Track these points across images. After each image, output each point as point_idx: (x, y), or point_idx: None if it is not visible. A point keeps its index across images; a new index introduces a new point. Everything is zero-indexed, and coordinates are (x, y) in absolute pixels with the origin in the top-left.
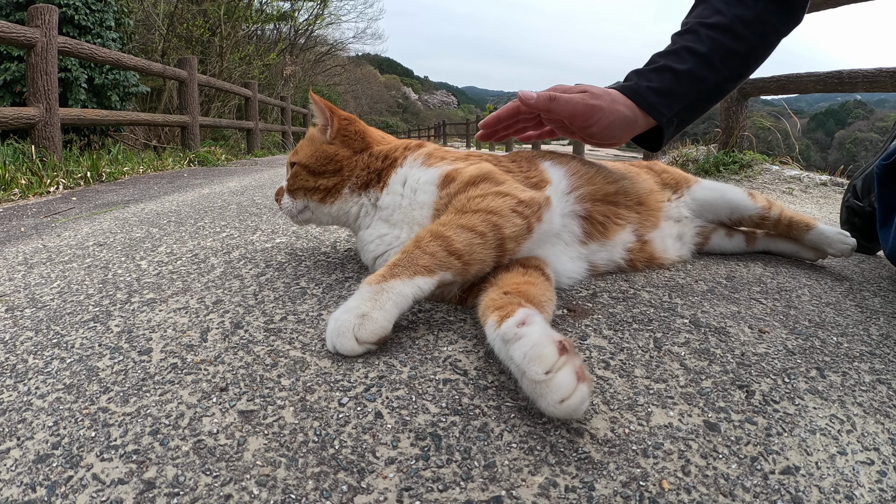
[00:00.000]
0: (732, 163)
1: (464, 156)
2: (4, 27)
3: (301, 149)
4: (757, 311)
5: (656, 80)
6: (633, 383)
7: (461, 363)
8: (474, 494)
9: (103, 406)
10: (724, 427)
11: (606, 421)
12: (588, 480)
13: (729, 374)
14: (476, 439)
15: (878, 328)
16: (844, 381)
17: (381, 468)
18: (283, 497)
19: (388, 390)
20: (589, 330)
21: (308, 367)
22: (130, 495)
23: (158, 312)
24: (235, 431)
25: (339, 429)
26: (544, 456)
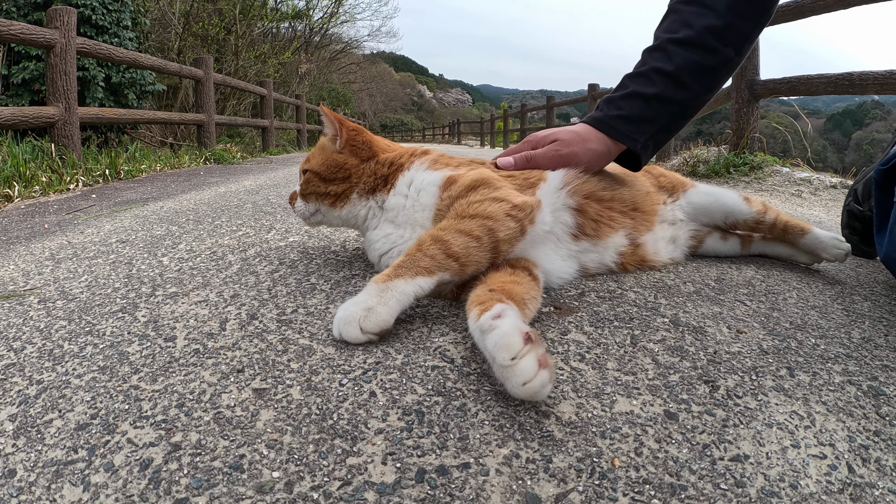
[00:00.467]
0: (743, 164)
1: (466, 162)
2: (24, 29)
3: (313, 157)
4: (739, 313)
5: (626, 108)
6: (604, 375)
7: (449, 353)
8: (447, 460)
9: (134, 384)
10: (682, 416)
11: (573, 406)
12: (547, 454)
13: (698, 369)
14: (454, 416)
15: (861, 332)
16: (813, 381)
17: (371, 437)
18: (287, 457)
19: (383, 374)
20: (571, 326)
21: (314, 353)
22: (160, 455)
23: (181, 304)
24: (249, 405)
25: (338, 404)
26: (512, 432)
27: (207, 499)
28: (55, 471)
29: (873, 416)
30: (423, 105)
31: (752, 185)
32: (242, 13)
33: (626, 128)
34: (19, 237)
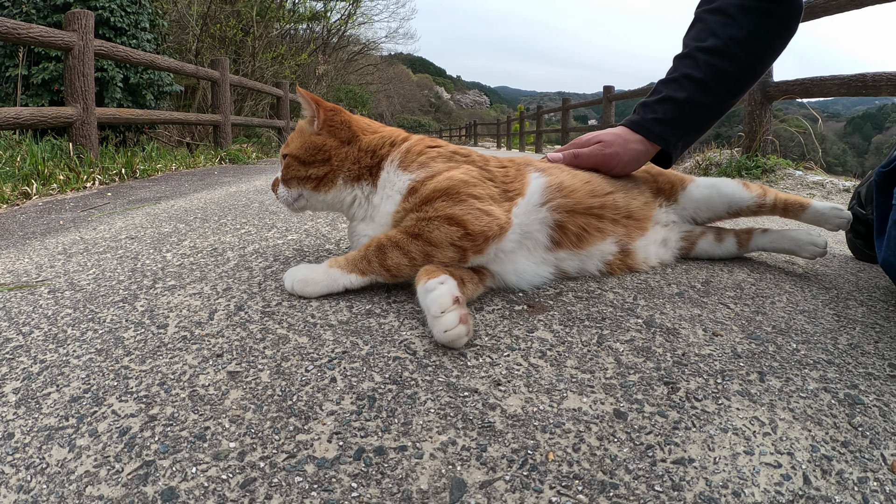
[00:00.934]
0: (755, 167)
1: (448, 154)
2: (43, 32)
3: (292, 141)
4: (720, 315)
5: (660, 111)
6: (561, 372)
7: (414, 345)
8: (386, 442)
9: (125, 365)
10: (631, 416)
11: (521, 400)
12: (483, 443)
13: (661, 370)
14: (403, 403)
15: (850, 338)
16: (784, 387)
17: (323, 417)
18: (245, 430)
19: (347, 362)
20: (540, 324)
21: (289, 342)
22: (137, 424)
23: (177, 296)
24: (222, 385)
25: (300, 388)
26: (454, 421)
27: (171, 462)
28: (47, 435)
29: (844, 425)
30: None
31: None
32: (260, 14)
33: (661, 129)
34: (35, 233)
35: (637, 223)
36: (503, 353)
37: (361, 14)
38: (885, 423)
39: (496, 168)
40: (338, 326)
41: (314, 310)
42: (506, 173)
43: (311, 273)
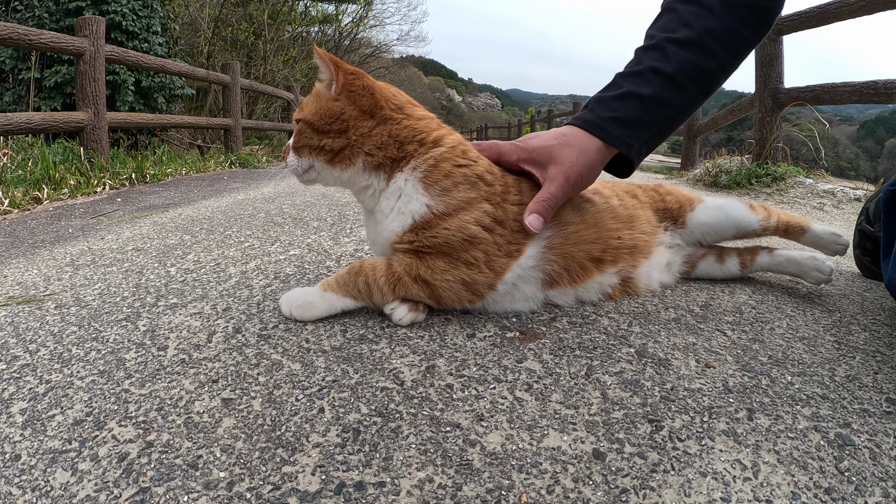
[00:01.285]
0: (765, 175)
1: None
2: (54, 38)
3: (307, 105)
4: (715, 344)
5: (620, 109)
6: (545, 407)
7: (402, 375)
8: (367, 477)
9: (126, 388)
10: (610, 457)
11: (502, 437)
12: (459, 482)
13: (647, 406)
14: (386, 437)
15: (848, 369)
16: (773, 426)
17: (309, 449)
18: (235, 460)
19: (336, 391)
20: (530, 353)
21: (282, 368)
22: (135, 450)
23: (178, 315)
24: (216, 412)
25: (289, 417)
26: (434, 458)
27: (165, 489)
28: (52, 458)
29: (831, 470)
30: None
31: (774, 197)
32: (271, 18)
33: (621, 131)
34: (45, 241)
35: (642, 253)
36: (489, 384)
37: (373, 17)
38: (875, 466)
39: (513, 207)
40: (330, 353)
41: (309, 334)
42: (518, 214)
43: (307, 297)
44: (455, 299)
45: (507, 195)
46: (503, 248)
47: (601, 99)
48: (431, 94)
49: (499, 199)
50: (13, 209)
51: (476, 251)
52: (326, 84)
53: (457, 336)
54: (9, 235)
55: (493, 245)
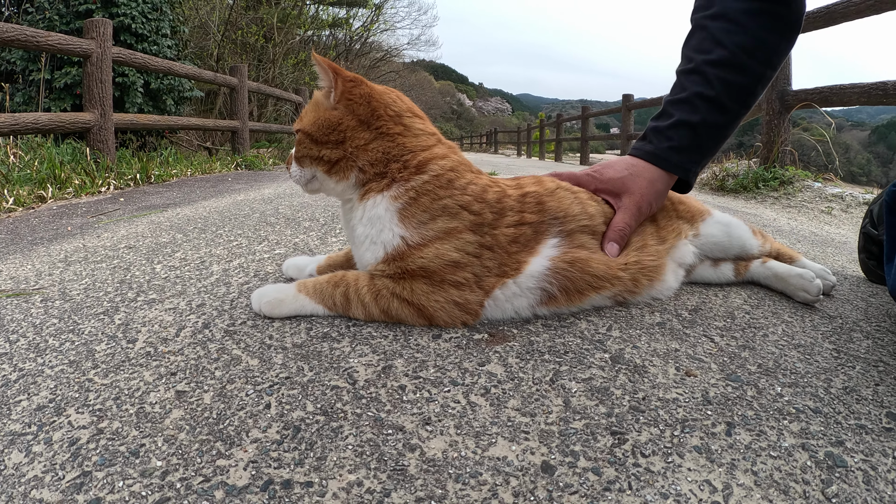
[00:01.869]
0: (772, 179)
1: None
2: (62, 40)
3: (306, 114)
4: (700, 351)
5: (675, 138)
6: (499, 413)
7: (357, 374)
8: (296, 476)
9: (90, 378)
10: (560, 472)
11: (445, 443)
12: (389, 488)
13: (612, 417)
14: (325, 437)
15: (846, 380)
16: (754, 443)
17: (247, 444)
18: (174, 450)
19: (287, 388)
20: (495, 357)
21: (240, 363)
22: (86, 436)
23: (153, 311)
24: (167, 404)
25: (235, 412)
26: (368, 461)
27: (105, 474)
28: (11, 440)
29: (816, 495)
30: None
31: (781, 201)
32: (281, 21)
33: (678, 158)
34: (43, 238)
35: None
36: (444, 388)
37: (384, 21)
38: (868, 491)
39: (507, 230)
40: (290, 350)
41: (274, 331)
42: (517, 238)
43: (279, 295)
44: (448, 319)
45: (500, 219)
46: (493, 270)
47: (657, 129)
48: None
49: (487, 228)
50: (18, 207)
51: (464, 272)
52: (325, 92)
53: (422, 336)
54: (10, 232)
55: (481, 268)
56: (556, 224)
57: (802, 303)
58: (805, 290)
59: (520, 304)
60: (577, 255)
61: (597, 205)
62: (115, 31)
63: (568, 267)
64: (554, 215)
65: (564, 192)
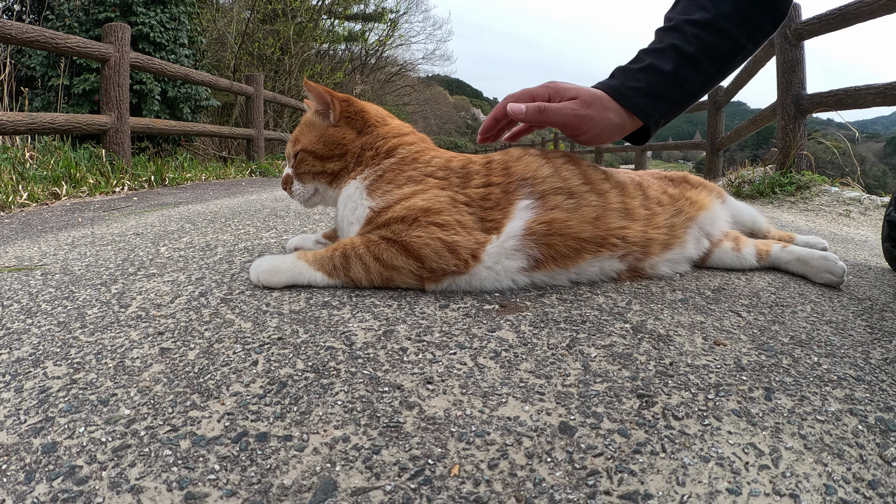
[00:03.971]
0: (789, 184)
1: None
2: (80, 43)
3: (302, 136)
4: (727, 324)
5: (643, 81)
6: (510, 375)
7: (355, 337)
8: (274, 429)
9: (75, 336)
10: (581, 433)
11: (448, 402)
12: (379, 445)
13: (638, 381)
14: (313, 392)
15: (884, 352)
16: (797, 407)
17: (225, 397)
18: (147, 401)
19: (279, 348)
20: (506, 324)
21: (232, 325)
22: (58, 385)
23: (152, 282)
24: (148, 359)
25: (219, 367)
26: (359, 417)
27: (68, 420)
28: None
29: (873, 459)
30: (477, 128)
31: (798, 205)
32: (297, 35)
33: (642, 100)
34: (53, 227)
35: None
36: (450, 350)
37: (399, 36)
38: None
39: (477, 189)
40: (287, 315)
41: (272, 299)
42: (487, 195)
43: (276, 263)
44: (436, 258)
45: (468, 182)
46: (478, 224)
47: (625, 69)
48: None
49: (456, 189)
50: (32, 202)
51: (445, 216)
52: (320, 113)
53: (428, 306)
54: (22, 224)
55: (460, 215)
56: (525, 185)
57: (826, 285)
58: (830, 272)
59: (509, 265)
60: (553, 216)
61: (574, 168)
62: (134, 39)
63: (546, 229)
64: (522, 177)
65: (532, 157)
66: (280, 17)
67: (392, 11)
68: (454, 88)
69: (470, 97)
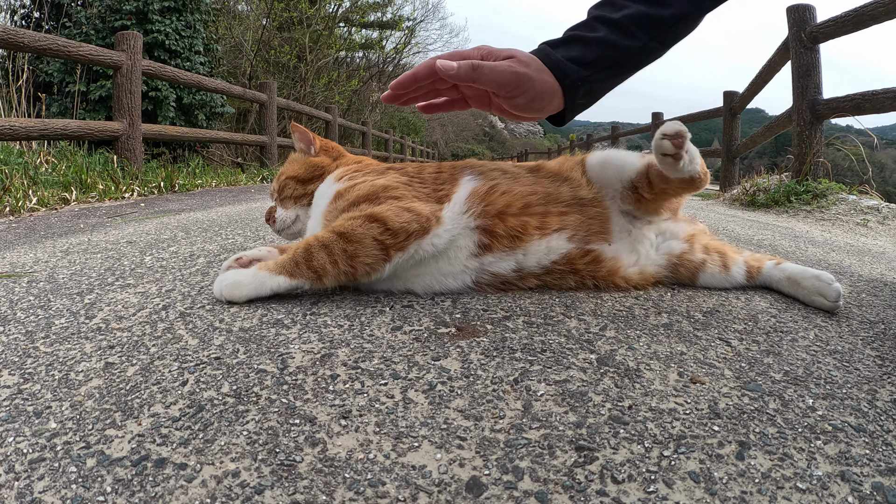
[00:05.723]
0: (805, 192)
1: (382, 170)
2: (92, 50)
3: (288, 168)
4: (712, 355)
5: (564, 51)
6: (436, 413)
7: (292, 360)
8: (174, 457)
9: (36, 346)
10: (491, 492)
11: (356, 442)
12: (265, 485)
13: (583, 428)
14: (225, 420)
15: (894, 391)
16: (774, 470)
17: (144, 418)
18: (74, 416)
19: (212, 368)
20: (454, 351)
21: (180, 341)
22: (5, 394)
23: (123, 293)
24: (91, 373)
25: (150, 386)
26: (258, 451)
27: (2, 429)
28: None
29: None
30: (494, 135)
31: (814, 214)
32: (313, 42)
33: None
34: (55, 233)
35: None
36: (382, 380)
37: (415, 44)
38: None
39: (429, 173)
40: (235, 333)
41: (228, 315)
42: (437, 177)
43: (238, 277)
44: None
45: (421, 172)
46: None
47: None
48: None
49: (413, 173)
50: (41, 207)
51: (400, 191)
52: (304, 150)
53: (381, 328)
54: (27, 228)
55: (415, 191)
56: (467, 168)
57: (820, 309)
58: (822, 294)
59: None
60: (493, 183)
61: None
62: (150, 47)
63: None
64: (468, 166)
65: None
66: (296, 24)
67: (409, 19)
68: None
69: None
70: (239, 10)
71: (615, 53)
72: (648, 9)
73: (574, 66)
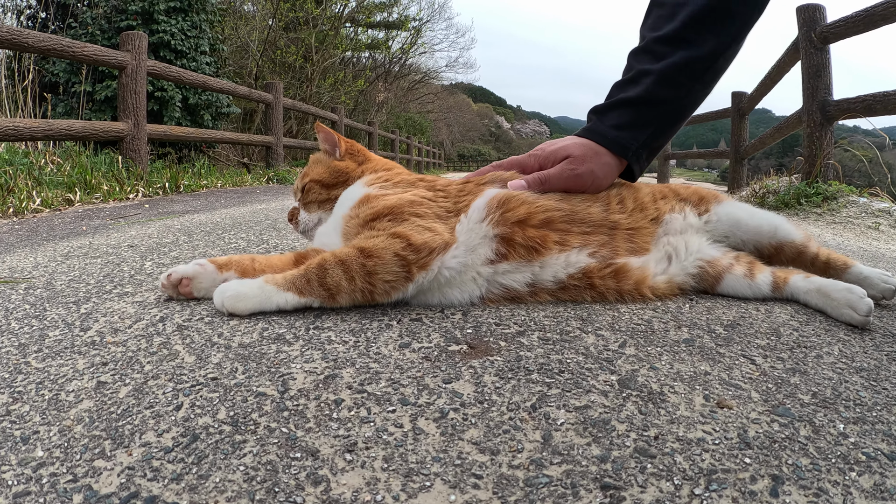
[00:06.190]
0: (815, 194)
1: (413, 181)
2: (97, 51)
3: (311, 170)
4: (737, 374)
5: (615, 117)
6: (449, 446)
7: (293, 381)
8: (166, 494)
9: (28, 361)
10: None
11: (362, 480)
12: None
13: (608, 463)
14: (221, 451)
15: None
16: None
17: (135, 447)
18: (63, 443)
19: (209, 391)
20: (467, 373)
21: (175, 359)
22: None
23: (120, 303)
24: (82, 393)
25: (142, 410)
26: (255, 489)
27: None
28: None
29: None
30: (500, 136)
31: (825, 217)
32: (319, 42)
33: (617, 134)
34: (57, 236)
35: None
36: (389, 406)
37: (422, 44)
38: None
39: (456, 187)
40: (234, 349)
41: (227, 329)
42: (461, 189)
43: (241, 288)
44: (420, 237)
45: (448, 186)
46: (450, 210)
47: (597, 110)
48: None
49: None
50: (45, 208)
51: (422, 207)
52: (327, 151)
53: (388, 345)
54: (30, 231)
55: (438, 208)
56: (496, 181)
57: (849, 324)
58: (852, 307)
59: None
60: (512, 193)
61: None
62: (156, 47)
63: (506, 199)
64: (496, 179)
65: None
66: (302, 24)
67: (415, 19)
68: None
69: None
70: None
71: (665, 108)
72: (684, 51)
73: (627, 135)
